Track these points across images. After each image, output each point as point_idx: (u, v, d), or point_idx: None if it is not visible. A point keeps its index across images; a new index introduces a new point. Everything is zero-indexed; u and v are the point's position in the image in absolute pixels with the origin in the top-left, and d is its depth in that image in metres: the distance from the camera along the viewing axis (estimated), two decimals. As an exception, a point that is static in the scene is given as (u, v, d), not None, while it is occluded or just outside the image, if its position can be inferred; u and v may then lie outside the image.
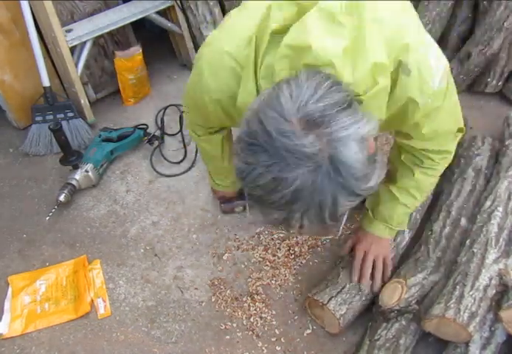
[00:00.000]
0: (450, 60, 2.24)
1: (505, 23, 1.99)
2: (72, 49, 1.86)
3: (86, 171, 1.72)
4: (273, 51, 0.82)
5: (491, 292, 1.25)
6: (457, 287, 1.25)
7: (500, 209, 1.44)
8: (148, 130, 1.94)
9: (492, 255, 1.32)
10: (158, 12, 2.07)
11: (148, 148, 1.94)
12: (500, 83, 2.14)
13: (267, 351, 1.35)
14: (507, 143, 1.70)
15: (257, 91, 0.86)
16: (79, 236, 1.63)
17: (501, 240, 1.36)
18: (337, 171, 0.66)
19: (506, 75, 2.13)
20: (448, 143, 1.14)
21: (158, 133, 1.94)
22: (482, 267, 1.29)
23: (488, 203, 1.47)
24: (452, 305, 1.20)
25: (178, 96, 2.18)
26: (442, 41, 2.31)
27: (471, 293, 1.23)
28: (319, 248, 1.56)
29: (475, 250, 1.34)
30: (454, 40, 2.27)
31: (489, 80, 2.12)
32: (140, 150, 1.94)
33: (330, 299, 1.29)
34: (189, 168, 1.85)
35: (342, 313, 1.29)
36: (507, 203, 1.46)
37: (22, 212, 1.71)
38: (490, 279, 1.27)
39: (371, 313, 1.37)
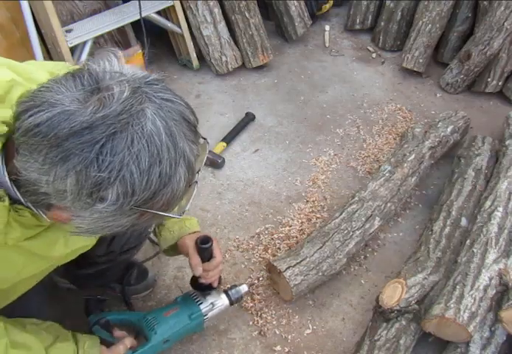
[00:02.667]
0: (450, 59, 2.24)
1: (505, 24, 1.99)
2: (72, 49, 1.86)
3: None
4: None
5: (491, 292, 1.25)
6: (457, 287, 1.25)
7: (500, 209, 1.44)
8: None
9: (492, 255, 1.32)
10: (159, 12, 2.07)
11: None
12: (500, 83, 2.14)
13: (267, 351, 1.35)
14: (507, 143, 1.70)
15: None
16: (79, 236, 1.63)
17: (501, 240, 1.36)
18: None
19: (506, 75, 2.13)
20: None
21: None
22: (482, 267, 1.29)
23: (489, 203, 1.47)
24: (452, 305, 1.20)
25: (178, 96, 2.19)
26: (442, 41, 2.31)
27: (471, 293, 1.23)
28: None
29: (475, 250, 1.34)
30: (454, 40, 2.28)
31: (489, 79, 2.13)
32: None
33: (287, 268, 1.35)
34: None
35: (296, 282, 1.34)
36: (507, 203, 1.46)
37: (22, 212, 1.71)
38: (491, 279, 1.27)
39: (371, 313, 1.37)
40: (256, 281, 1.49)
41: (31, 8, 1.73)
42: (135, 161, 0.60)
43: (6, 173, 0.67)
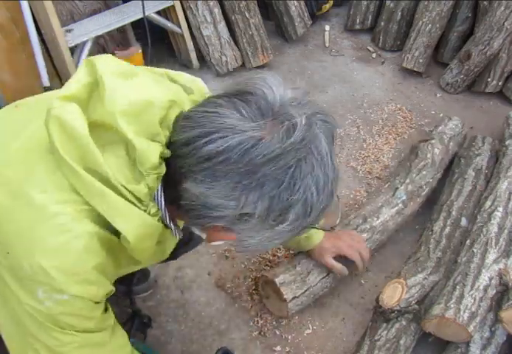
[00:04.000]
0: (450, 59, 2.24)
1: (506, 23, 1.99)
2: (72, 49, 1.86)
3: None
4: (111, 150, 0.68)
5: (491, 292, 1.25)
6: (457, 287, 1.25)
7: (500, 209, 1.44)
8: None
9: (492, 255, 1.32)
10: (158, 12, 2.07)
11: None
12: (500, 83, 2.14)
13: (267, 351, 1.34)
14: (507, 143, 1.70)
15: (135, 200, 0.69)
16: (79, 236, 1.63)
17: (501, 240, 1.36)
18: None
19: (506, 75, 2.13)
20: None
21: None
22: (482, 267, 1.29)
23: (489, 203, 1.47)
24: (452, 305, 1.20)
25: (178, 96, 2.19)
26: (442, 41, 2.31)
27: (471, 293, 1.23)
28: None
29: (475, 250, 1.34)
30: (454, 40, 2.28)
31: (489, 79, 2.12)
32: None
33: (293, 298, 1.30)
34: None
35: (294, 311, 1.34)
36: (507, 203, 1.46)
37: (22, 212, 1.70)
38: (491, 279, 1.27)
39: (371, 313, 1.37)
40: (255, 281, 1.49)
41: (31, 8, 1.73)
42: (314, 183, 0.64)
43: (163, 201, 0.70)
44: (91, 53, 1.96)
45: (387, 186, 1.60)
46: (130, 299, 1.37)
